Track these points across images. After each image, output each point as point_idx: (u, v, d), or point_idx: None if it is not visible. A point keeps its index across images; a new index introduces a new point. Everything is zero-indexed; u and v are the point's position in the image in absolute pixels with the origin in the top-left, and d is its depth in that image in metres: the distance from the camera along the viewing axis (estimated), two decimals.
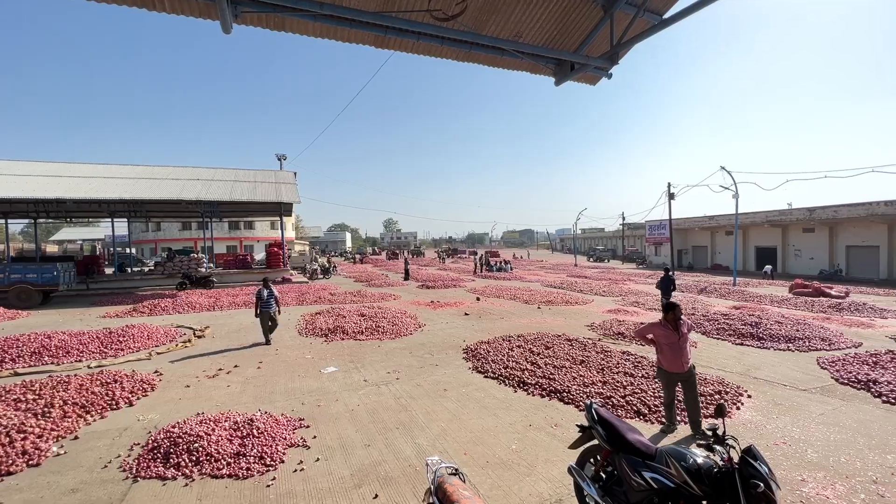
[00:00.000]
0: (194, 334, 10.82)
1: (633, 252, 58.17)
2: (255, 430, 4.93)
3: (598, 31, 6.35)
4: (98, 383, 6.65)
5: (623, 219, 59.89)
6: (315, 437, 5.07)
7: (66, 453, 4.75)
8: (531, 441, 4.95)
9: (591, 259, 58.79)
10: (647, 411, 5.63)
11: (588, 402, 3.63)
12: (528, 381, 6.82)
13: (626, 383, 6.53)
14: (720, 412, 3.14)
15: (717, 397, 6.06)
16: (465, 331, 11.09)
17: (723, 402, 4.93)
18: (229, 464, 4.39)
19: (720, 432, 2.94)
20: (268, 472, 4.32)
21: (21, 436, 4.91)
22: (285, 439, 4.91)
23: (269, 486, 4.09)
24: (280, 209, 27.57)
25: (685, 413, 5.50)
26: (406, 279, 26.39)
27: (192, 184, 25.54)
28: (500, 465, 4.42)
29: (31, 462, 4.50)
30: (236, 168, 30.77)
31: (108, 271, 29.80)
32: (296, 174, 31.20)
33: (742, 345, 9.44)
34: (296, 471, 4.35)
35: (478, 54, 6.46)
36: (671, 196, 32.26)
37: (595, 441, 3.53)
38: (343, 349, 9.41)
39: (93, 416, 5.70)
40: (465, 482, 2.84)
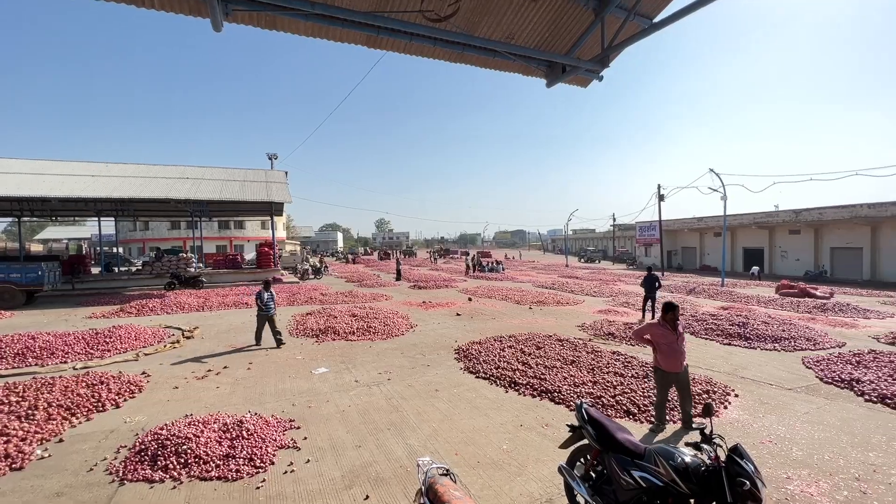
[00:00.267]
0: (183, 335, 10.69)
1: (623, 253, 58.70)
2: (244, 432, 4.89)
3: (589, 34, 6.41)
4: (84, 385, 6.55)
5: (614, 220, 60.48)
6: (305, 439, 5.04)
7: (50, 456, 4.66)
8: (522, 441, 4.97)
9: (582, 260, 59.19)
10: (636, 411, 5.68)
11: (578, 401, 3.66)
12: (520, 382, 6.85)
13: (616, 383, 6.59)
14: (708, 412, 3.19)
15: (705, 397, 6.14)
16: (457, 331, 11.10)
17: (710, 401, 4.99)
18: (218, 466, 4.34)
19: (707, 431, 2.99)
20: (257, 473, 4.28)
21: (3, 439, 4.81)
22: (275, 441, 4.87)
23: (258, 488, 4.06)
24: (271, 209, 27.38)
25: (673, 413, 5.58)
26: (398, 279, 26.33)
27: (181, 182, 25.23)
28: (491, 465, 4.44)
29: (13, 466, 4.41)
30: (227, 167, 30.51)
31: (95, 271, 29.30)
32: (287, 173, 31.01)
33: (730, 345, 9.58)
34: (286, 472, 4.32)
35: (470, 55, 6.49)
36: (661, 198, 32.64)
37: (585, 441, 3.55)
38: (334, 350, 9.36)
39: (78, 419, 5.59)
40: (456, 482, 2.85)
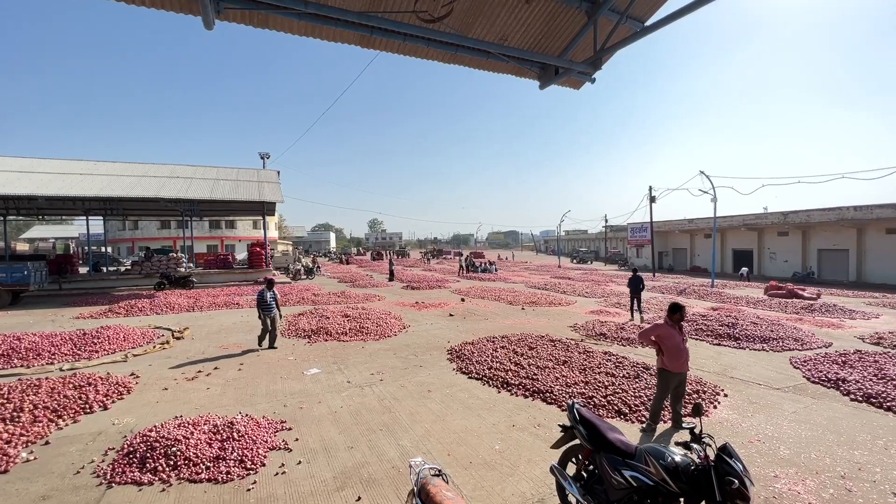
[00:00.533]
0: (173, 335, 10.58)
1: (615, 254, 59.12)
2: (235, 433, 4.84)
3: (582, 37, 6.45)
4: (71, 386, 6.45)
5: (606, 221, 60.98)
6: (297, 440, 5.01)
7: (36, 459, 4.58)
8: (514, 441, 4.99)
9: (575, 260, 59.50)
10: (627, 411, 5.72)
11: (570, 402, 3.68)
12: (512, 382, 6.87)
13: (607, 383, 6.63)
14: (697, 411, 3.22)
15: (695, 396, 6.20)
16: (450, 332, 11.10)
17: (700, 401, 5.05)
18: (208, 468, 4.30)
19: (697, 431, 3.03)
20: (248, 475, 4.25)
21: None
22: (266, 442, 4.84)
23: (249, 490, 4.02)
24: (263, 208, 27.18)
25: (663, 413, 5.62)
26: (391, 280, 26.27)
27: (172, 182, 24.96)
28: (483, 466, 4.45)
29: None
30: (219, 166, 30.22)
31: (83, 271, 28.90)
32: (279, 173, 30.81)
33: (719, 345, 9.69)
34: (277, 474, 4.29)
35: (463, 56, 6.50)
36: (652, 199, 32.91)
37: (577, 441, 3.57)
38: (326, 350, 9.32)
39: (65, 421, 5.51)
40: (448, 483, 2.85)
